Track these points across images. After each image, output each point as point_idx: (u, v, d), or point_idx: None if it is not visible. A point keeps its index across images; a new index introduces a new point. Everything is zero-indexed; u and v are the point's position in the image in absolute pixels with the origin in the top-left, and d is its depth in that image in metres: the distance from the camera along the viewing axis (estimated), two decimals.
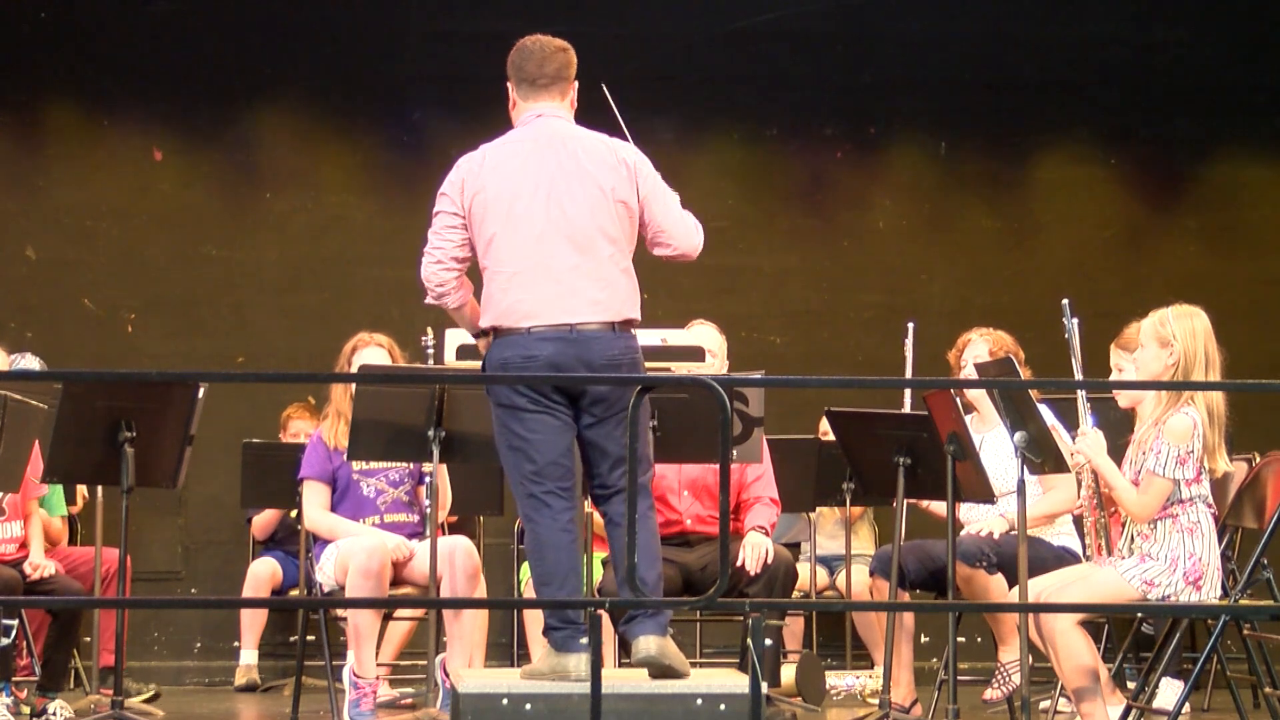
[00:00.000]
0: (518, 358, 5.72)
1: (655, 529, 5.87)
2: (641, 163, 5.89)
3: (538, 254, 5.75)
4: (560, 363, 5.70)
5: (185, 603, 9.99)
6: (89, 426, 6.74)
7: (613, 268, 5.78)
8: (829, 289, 10.20)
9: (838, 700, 8.25)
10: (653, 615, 5.74)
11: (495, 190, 5.81)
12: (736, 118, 10.11)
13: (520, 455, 5.78)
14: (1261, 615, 7.34)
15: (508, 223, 5.78)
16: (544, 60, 5.95)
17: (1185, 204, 10.50)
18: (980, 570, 7.03)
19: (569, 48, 6.01)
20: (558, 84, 5.95)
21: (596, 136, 5.92)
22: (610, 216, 5.79)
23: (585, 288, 5.75)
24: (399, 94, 10.11)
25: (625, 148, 5.91)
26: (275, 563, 9.01)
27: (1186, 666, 7.85)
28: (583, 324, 5.73)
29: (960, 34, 10.33)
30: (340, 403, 7.25)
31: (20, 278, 9.81)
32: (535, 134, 5.89)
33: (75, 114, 9.95)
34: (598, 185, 5.80)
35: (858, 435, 7.10)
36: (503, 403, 5.78)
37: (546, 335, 5.73)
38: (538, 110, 5.93)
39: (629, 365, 5.77)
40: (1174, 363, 6.24)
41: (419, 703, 7.60)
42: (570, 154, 5.83)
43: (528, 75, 5.95)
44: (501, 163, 5.86)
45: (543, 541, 5.77)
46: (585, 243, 5.76)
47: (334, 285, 9.96)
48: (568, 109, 5.98)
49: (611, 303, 5.77)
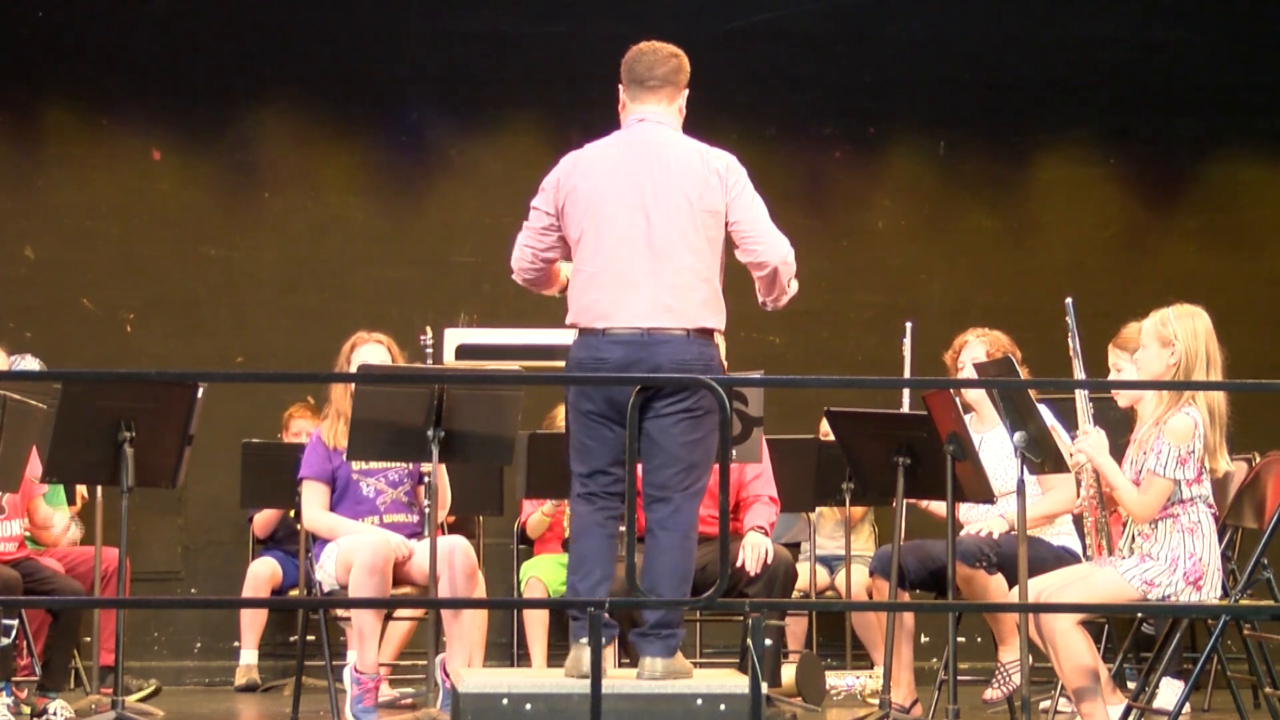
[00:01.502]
0: (590, 359, 5.85)
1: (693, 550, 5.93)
2: (733, 169, 5.94)
3: (617, 257, 5.85)
4: (629, 366, 5.80)
5: (185, 603, 9.99)
6: (89, 426, 6.74)
7: (691, 276, 5.85)
8: (829, 289, 10.20)
9: (838, 700, 8.25)
10: (664, 636, 5.80)
11: (585, 191, 5.91)
12: (736, 118, 10.10)
13: (577, 455, 5.94)
14: (1261, 615, 7.34)
15: (593, 224, 5.89)
16: (655, 63, 6.02)
17: (1185, 204, 10.50)
18: (980, 570, 7.03)
19: (681, 54, 6.08)
20: (666, 88, 6.02)
21: (692, 144, 5.98)
22: (694, 226, 5.86)
23: (660, 294, 5.83)
24: (398, 94, 10.11)
25: (720, 155, 5.96)
26: (275, 562, 9.01)
27: (1187, 666, 7.85)
28: (656, 329, 5.82)
29: (960, 34, 10.32)
30: (340, 402, 7.25)
31: (20, 278, 9.80)
32: (631, 138, 5.98)
33: (74, 114, 9.95)
34: (684, 194, 5.86)
35: (857, 435, 7.10)
36: (571, 403, 5.94)
37: (619, 338, 5.83)
38: (641, 114, 6.01)
39: (702, 372, 5.78)
40: (1175, 362, 6.24)
41: (419, 703, 7.60)
42: (662, 161, 5.90)
43: (637, 76, 6.03)
44: (594, 164, 5.95)
45: (578, 530, 5.94)
46: (665, 250, 5.84)
47: (334, 285, 9.96)
48: (674, 115, 6.05)
49: (686, 310, 5.84)
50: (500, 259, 10.08)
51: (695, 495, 5.92)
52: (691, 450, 5.86)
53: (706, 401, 5.80)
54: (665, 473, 5.86)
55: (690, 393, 5.77)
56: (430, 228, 10.08)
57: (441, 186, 10.14)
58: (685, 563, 5.89)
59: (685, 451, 5.85)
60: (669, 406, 5.82)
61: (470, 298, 9.77)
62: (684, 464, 5.86)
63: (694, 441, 5.85)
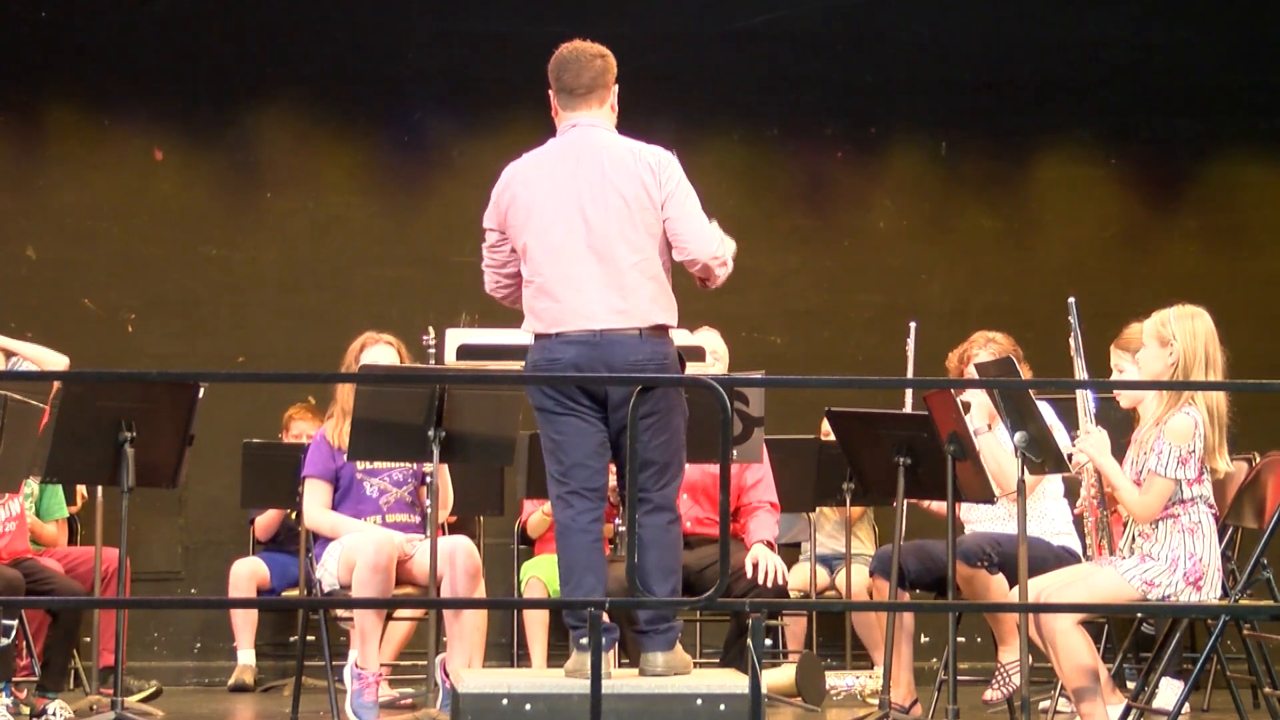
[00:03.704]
0: (543, 360, 5.86)
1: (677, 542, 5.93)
2: (666, 165, 5.92)
3: (561, 263, 5.86)
4: (582, 366, 5.80)
5: (185, 603, 9.99)
6: (89, 426, 6.74)
7: (637, 275, 5.85)
8: (829, 289, 10.20)
9: (838, 700, 8.25)
10: (663, 631, 5.83)
11: (524, 201, 5.93)
12: (736, 118, 10.11)
13: (550, 456, 5.93)
14: (1261, 615, 7.34)
15: (535, 233, 5.90)
16: (580, 70, 5.99)
17: (1185, 204, 10.49)
18: (981, 570, 7.03)
19: (607, 54, 6.04)
20: (595, 92, 5.99)
21: (626, 144, 5.96)
22: (633, 224, 5.86)
23: (607, 296, 5.83)
24: (399, 94, 10.11)
25: (654, 151, 5.94)
26: (259, 561, 9.02)
27: (1186, 666, 7.84)
28: (607, 329, 5.82)
29: (961, 34, 10.32)
30: (346, 401, 7.23)
31: (20, 278, 9.80)
32: (565, 144, 5.98)
33: (75, 114, 9.95)
34: (620, 194, 5.86)
35: (858, 435, 7.10)
36: (535, 405, 5.94)
37: (571, 339, 5.83)
38: (574, 120, 6.00)
39: (655, 370, 5.81)
40: (1174, 363, 6.25)
41: (419, 703, 7.60)
42: (597, 164, 5.89)
43: (565, 85, 6.01)
44: (531, 174, 5.97)
45: (563, 539, 5.90)
46: (607, 251, 5.84)
47: (334, 285, 9.96)
48: (607, 115, 6.02)
49: (636, 309, 5.84)
50: None
51: (672, 494, 5.93)
52: (662, 451, 5.87)
53: (666, 401, 5.82)
54: (640, 475, 5.84)
55: (648, 395, 5.73)
56: (431, 227, 10.08)
57: (443, 186, 10.14)
58: (670, 557, 5.89)
59: (657, 454, 5.86)
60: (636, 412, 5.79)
61: (471, 298, 9.67)
62: (658, 465, 5.87)
63: (663, 443, 5.86)
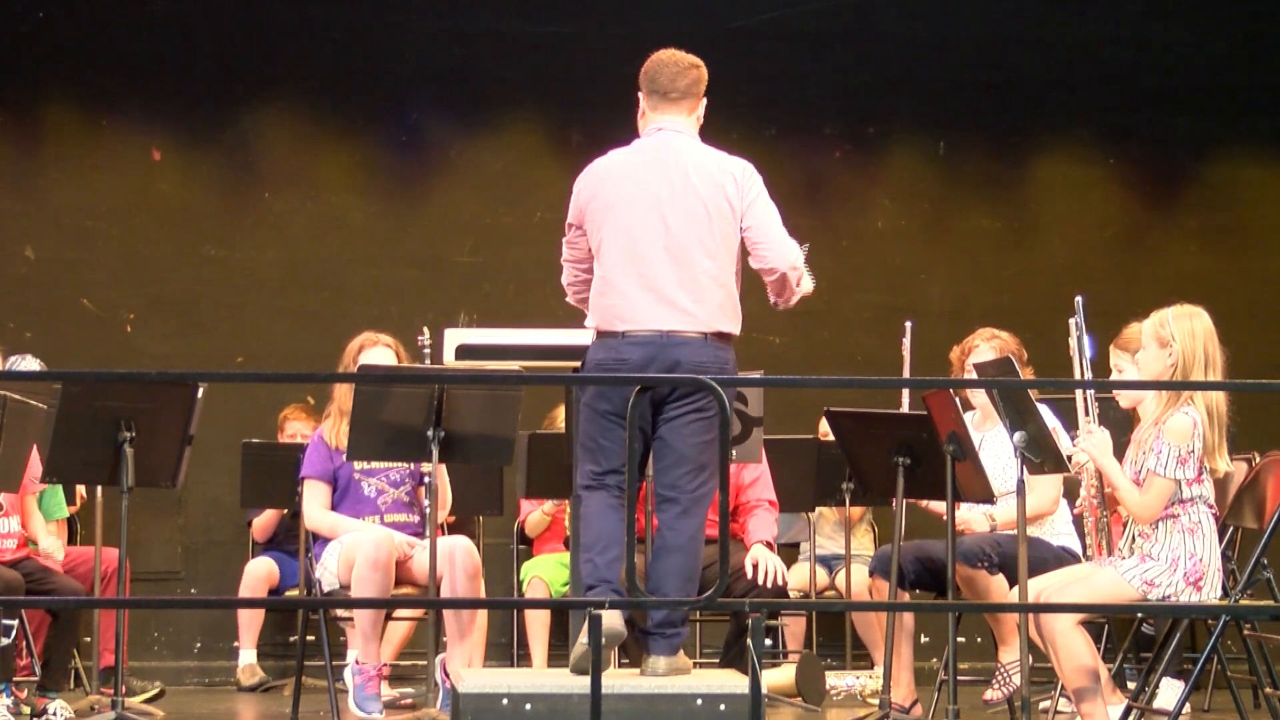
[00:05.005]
0: (610, 360, 5.93)
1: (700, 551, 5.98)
2: (749, 176, 6.05)
3: (636, 262, 5.95)
4: (648, 367, 5.88)
5: (185, 603, 9.99)
6: (89, 426, 6.74)
7: (708, 281, 5.95)
8: (829, 289, 10.16)
9: (838, 700, 8.25)
10: (669, 635, 5.88)
11: (605, 198, 6.02)
12: (736, 117, 10.09)
13: (588, 455, 5.99)
14: (1261, 615, 7.34)
15: (612, 230, 5.99)
16: (676, 75, 6.11)
17: (1185, 204, 10.49)
18: (981, 570, 7.03)
19: (701, 64, 6.17)
20: (687, 99, 6.13)
21: (711, 153, 6.08)
22: (710, 232, 5.97)
23: (678, 298, 5.93)
24: (399, 94, 10.10)
25: (737, 163, 6.07)
26: (272, 562, 9.01)
27: (1186, 666, 7.84)
28: (674, 331, 5.91)
29: (960, 34, 10.32)
30: (344, 401, 7.23)
31: (20, 278, 9.80)
32: (651, 146, 6.09)
33: (74, 114, 9.94)
34: (701, 200, 5.97)
35: (857, 435, 7.10)
36: (588, 403, 5.98)
37: (638, 339, 5.92)
38: (660, 124, 6.11)
39: (717, 374, 5.83)
40: (1173, 363, 6.25)
41: (419, 703, 7.60)
42: (680, 169, 6.00)
43: (659, 88, 6.12)
44: (614, 171, 6.07)
45: (590, 513, 5.98)
46: (681, 254, 5.94)
47: (333, 285, 9.95)
48: (693, 124, 6.16)
49: (703, 314, 5.94)
50: (500, 259, 10.17)
51: (703, 499, 5.98)
52: (701, 451, 5.93)
53: (714, 406, 5.84)
54: (674, 473, 5.93)
55: (702, 394, 5.83)
56: (430, 228, 10.08)
57: (441, 186, 10.14)
58: (691, 564, 5.96)
59: (695, 452, 5.92)
60: (681, 408, 5.91)
61: (470, 298, 9.77)
62: (693, 464, 5.92)
63: (705, 443, 5.92)
